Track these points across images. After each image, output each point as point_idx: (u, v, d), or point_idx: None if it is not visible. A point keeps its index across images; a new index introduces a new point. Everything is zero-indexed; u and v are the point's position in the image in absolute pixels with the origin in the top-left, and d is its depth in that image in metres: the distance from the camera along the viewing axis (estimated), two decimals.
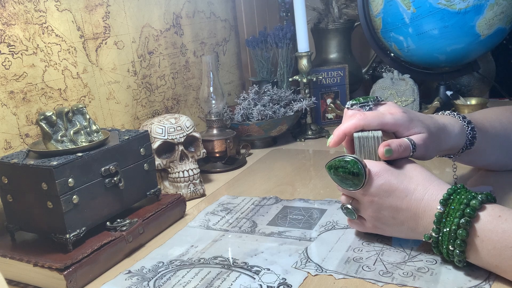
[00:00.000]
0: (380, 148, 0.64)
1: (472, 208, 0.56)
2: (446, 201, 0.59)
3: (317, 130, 1.27)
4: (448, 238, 0.58)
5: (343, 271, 0.62)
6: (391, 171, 0.63)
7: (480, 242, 0.56)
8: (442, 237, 0.58)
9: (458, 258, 0.58)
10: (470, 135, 0.74)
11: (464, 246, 0.57)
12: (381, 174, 0.63)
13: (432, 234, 0.59)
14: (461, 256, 0.57)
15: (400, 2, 1.08)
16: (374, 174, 0.63)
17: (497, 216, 0.56)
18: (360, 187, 0.63)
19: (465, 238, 0.56)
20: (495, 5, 1.02)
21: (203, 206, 0.89)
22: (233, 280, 0.63)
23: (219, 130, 1.09)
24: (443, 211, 0.58)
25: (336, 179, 0.66)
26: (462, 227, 0.56)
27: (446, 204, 0.58)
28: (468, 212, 0.56)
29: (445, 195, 0.59)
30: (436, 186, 0.61)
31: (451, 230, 0.57)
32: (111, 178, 0.74)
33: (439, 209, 0.59)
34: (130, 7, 1.06)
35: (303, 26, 1.19)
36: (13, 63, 0.82)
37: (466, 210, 0.56)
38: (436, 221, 0.59)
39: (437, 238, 0.59)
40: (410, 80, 1.20)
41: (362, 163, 0.63)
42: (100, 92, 0.99)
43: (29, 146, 0.74)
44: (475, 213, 0.56)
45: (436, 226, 0.59)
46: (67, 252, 0.67)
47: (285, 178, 0.99)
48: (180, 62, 1.22)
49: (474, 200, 0.57)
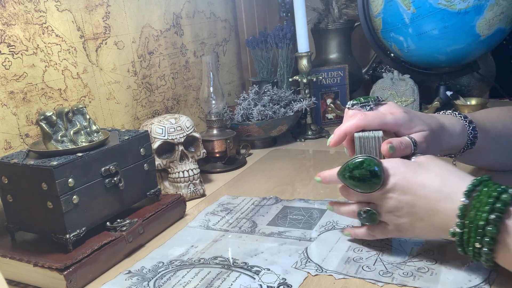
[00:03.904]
0: (383, 145, 0.62)
1: (503, 203, 0.51)
2: (471, 192, 0.54)
3: (317, 130, 1.27)
4: (475, 234, 0.53)
5: (343, 271, 0.62)
6: (405, 165, 0.61)
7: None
8: (468, 233, 0.54)
9: (486, 257, 0.53)
10: (471, 134, 0.73)
11: (493, 244, 0.52)
12: (395, 169, 0.60)
13: (456, 229, 0.54)
14: (490, 255, 0.53)
15: (400, 2, 1.08)
16: (388, 170, 0.61)
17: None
18: (379, 187, 0.60)
19: (495, 235, 0.51)
20: (495, 5, 1.02)
21: (203, 206, 0.89)
22: (233, 280, 0.63)
23: (219, 130, 1.09)
24: (468, 203, 0.54)
25: (353, 183, 0.62)
26: (492, 223, 0.51)
27: (471, 196, 0.54)
28: (499, 207, 0.51)
29: (469, 186, 0.54)
30: (457, 177, 0.57)
31: (478, 226, 0.52)
32: (111, 178, 0.74)
33: (463, 201, 0.54)
34: (130, 7, 1.06)
35: (303, 26, 1.19)
36: (13, 63, 0.82)
37: (496, 205, 0.51)
38: (461, 214, 0.54)
39: (461, 234, 0.54)
40: (410, 80, 1.20)
41: (377, 159, 0.61)
42: (100, 92, 0.99)
43: (29, 146, 0.74)
44: (506, 208, 0.51)
45: (460, 220, 0.54)
46: (67, 252, 0.67)
47: (285, 178, 0.99)
48: (180, 62, 1.22)
49: (506, 194, 0.52)
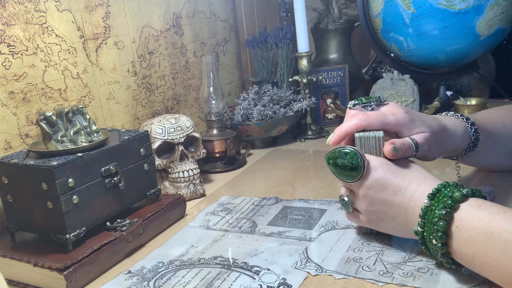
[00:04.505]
0: (386, 146, 0.64)
1: (453, 200, 0.56)
2: (434, 195, 0.58)
3: (317, 130, 1.27)
4: (431, 231, 0.57)
5: (343, 271, 0.62)
6: (388, 166, 0.63)
7: (458, 232, 0.55)
8: (427, 231, 0.58)
9: (441, 251, 0.57)
10: (473, 136, 0.73)
11: (445, 238, 0.56)
12: (378, 168, 0.63)
13: (418, 228, 0.59)
14: (443, 249, 0.56)
15: (400, 2, 1.08)
16: (372, 168, 0.63)
17: (477, 206, 0.55)
18: (357, 180, 0.63)
19: (445, 229, 0.55)
20: (495, 5, 1.02)
21: (203, 206, 0.89)
22: (233, 280, 0.63)
23: (219, 130, 1.09)
24: (429, 204, 0.58)
25: (334, 170, 0.65)
26: (442, 218, 0.55)
27: (433, 199, 0.58)
28: (449, 204, 0.55)
29: (434, 189, 0.58)
30: (429, 183, 0.61)
31: (433, 222, 0.56)
32: (111, 178, 0.74)
33: (426, 203, 0.58)
34: (130, 7, 1.06)
35: (303, 26, 1.19)
36: (13, 63, 0.82)
37: (447, 202, 0.56)
38: (422, 214, 0.58)
39: (422, 232, 0.58)
40: (410, 80, 1.20)
41: (361, 155, 0.63)
42: (100, 92, 0.99)
43: (29, 146, 0.74)
44: (456, 204, 0.55)
45: (421, 219, 0.58)
46: (67, 252, 0.67)
47: (285, 178, 0.99)
48: (180, 62, 1.22)
49: (458, 192, 0.56)
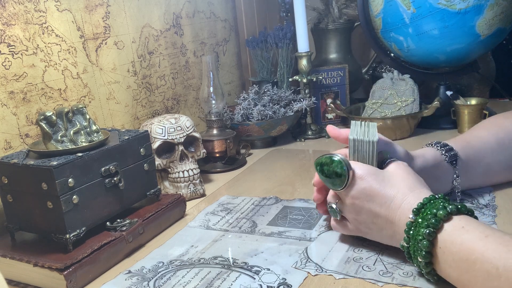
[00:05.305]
0: None
1: (437, 219, 0.54)
2: (419, 210, 0.57)
3: (317, 130, 1.27)
4: (416, 248, 0.56)
5: (343, 271, 0.62)
6: (375, 176, 0.63)
7: (442, 253, 0.54)
8: (412, 247, 0.57)
9: (426, 270, 0.56)
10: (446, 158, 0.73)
11: (429, 257, 0.55)
12: (364, 178, 0.63)
13: (404, 243, 0.58)
14: (428, 267, 0.56)
15: (400, 2, 1.08)
16: (358, 177, 0.63)
17: (460, 227, 0.54)
18: (342, 188, 0.64)
19: (429, 249, 0.55)
20: (495, 5, 1.02)
21: (203, 206, 0.89)
22: (233, 280, 0.63)
23: (219, 130, 1.09)
24: (414, 220, 0.57)
25: (321, 176, 0.66)
26: (426, 238, 0.55)
27: (418, 214, 0.57)
28: (433, 223, 0.54)
29: (419, 204, 0.57)
30: (416, 195, 0.60)
31: (417, 240, 0.56)
32: (111, 178, 0.74)
33: (410, 218, 0.57)
34: (130, 7, 1.06)
35: (303, 26, 1.19)
36: (13, 63, 0.82)
37: (431, 221, 0.55)
38: (407, 230, 0.57)
39: (407, 248, 0.58)
40: (410, 80, 1.20)
41: (347, 164, 0.63)
42: (100, 92, 0.99)
43: (29, 146, 0.74)
44: (440, 224, 0.54)
45: (406, 235, 0.58)
46: (67, 252, 0.67)
47: (285, 178, 0.99)
48: (180, 62, 1.22)
49: (442, 210, 0.55)
